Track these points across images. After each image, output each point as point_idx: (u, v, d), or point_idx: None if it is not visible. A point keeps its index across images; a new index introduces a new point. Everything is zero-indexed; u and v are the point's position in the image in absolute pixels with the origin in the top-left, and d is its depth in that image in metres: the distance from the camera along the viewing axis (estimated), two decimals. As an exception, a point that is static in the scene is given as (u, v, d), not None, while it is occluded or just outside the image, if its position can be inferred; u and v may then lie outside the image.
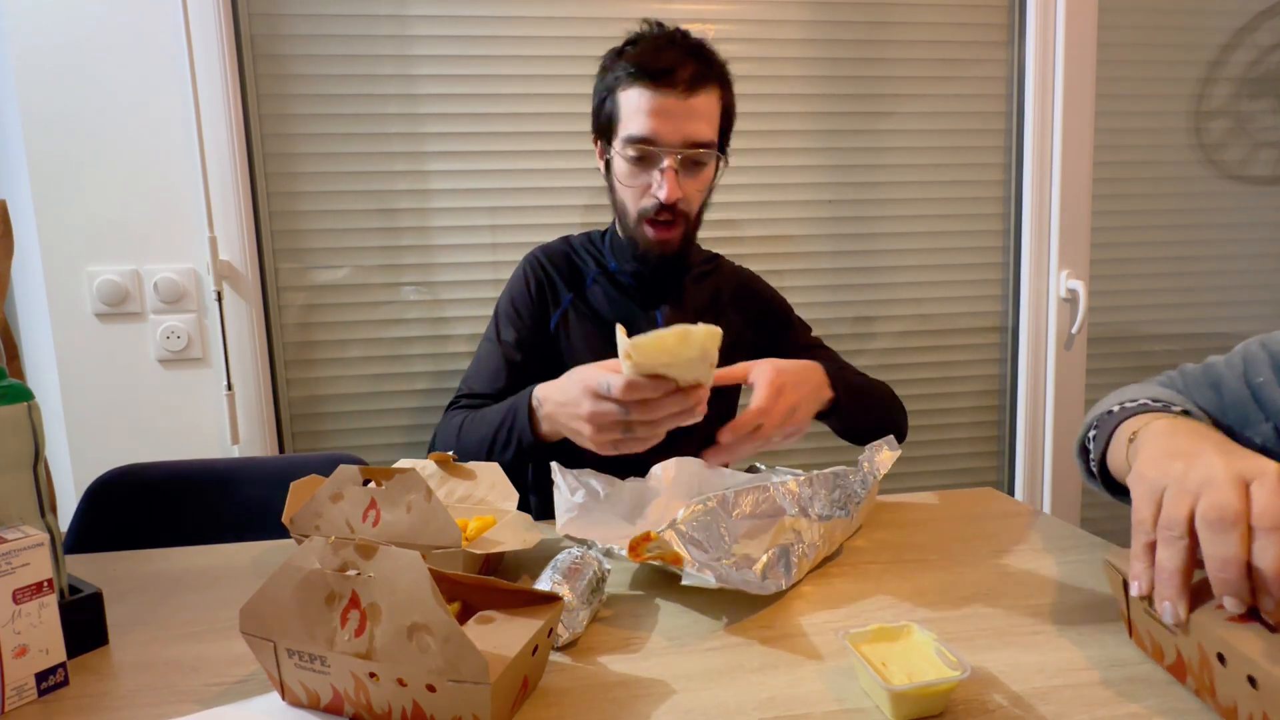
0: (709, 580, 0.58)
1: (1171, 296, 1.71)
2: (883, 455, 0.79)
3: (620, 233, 1.03)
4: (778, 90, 1.54)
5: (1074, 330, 1.63)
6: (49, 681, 0.51)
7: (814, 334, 1.16)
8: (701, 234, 1.06)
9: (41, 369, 1.38)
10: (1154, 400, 0.67)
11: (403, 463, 0.77)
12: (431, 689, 0.44)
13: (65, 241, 1.33)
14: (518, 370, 1.01)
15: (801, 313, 1.17)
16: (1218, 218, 1.70)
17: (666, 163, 0.91)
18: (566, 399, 0.76)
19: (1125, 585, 0.53)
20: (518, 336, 1.03)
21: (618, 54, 0.95)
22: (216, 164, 1.35)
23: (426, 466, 0.76)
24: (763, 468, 0.93)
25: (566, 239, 1.11)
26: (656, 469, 0.82)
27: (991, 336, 1.69)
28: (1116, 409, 0.68)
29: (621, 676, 0.53)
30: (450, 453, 0.77)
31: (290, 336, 1.47)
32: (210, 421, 1.41)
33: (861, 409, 0.95)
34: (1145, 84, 1.64)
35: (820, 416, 0.91)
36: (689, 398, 0.68)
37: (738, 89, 1.00)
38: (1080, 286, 1.59)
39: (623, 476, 0.80)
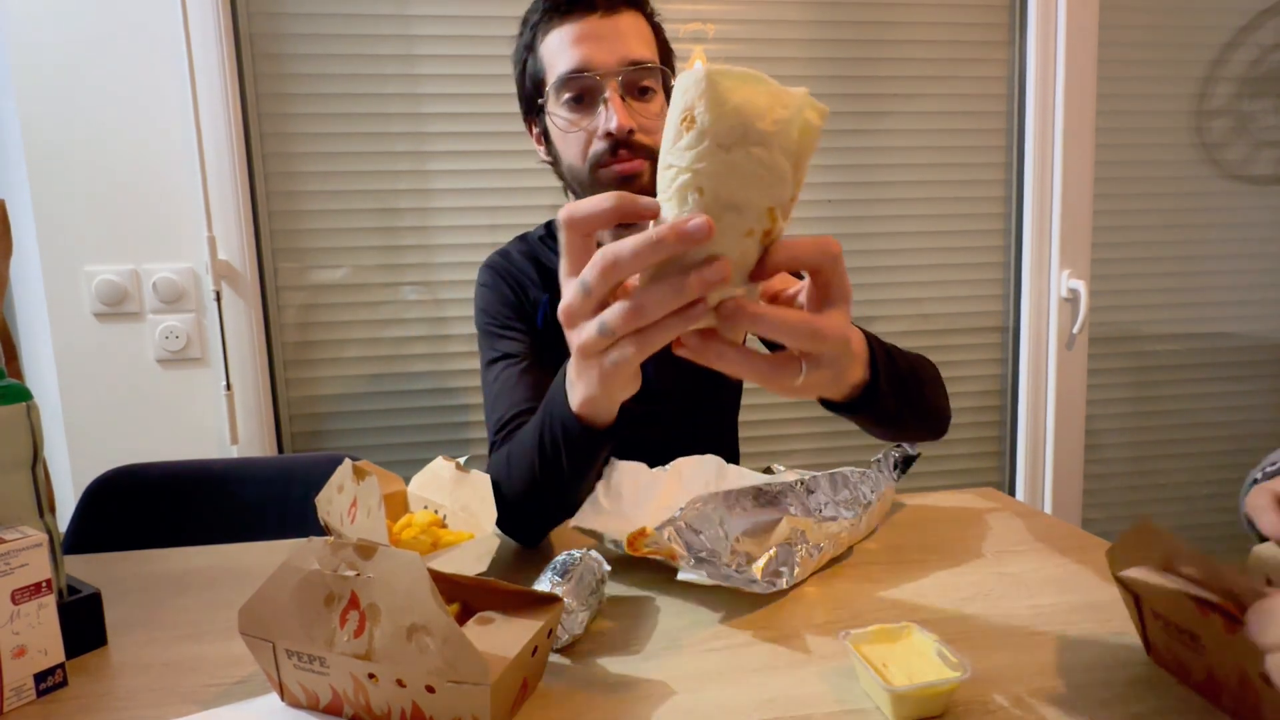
0: (704, 577, 0.58)
1: (1173, 296, 1.71)
2: (896, 458, 0.79)
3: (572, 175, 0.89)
4: (778, 90, 1.54)
5: (1075, 330, 1.63)
6: (48, 682, 0.51)
7: None
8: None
9: (40, 369, 1.38)
10: None
11: (431, 465, 0.77)
12: (431, 690, 0.44)
13: (64, 241, 1.33)
14: (542, 369, 0.88)
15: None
16: (1219, 217, 1.70)
17: (608, 90, 0.79)
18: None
19: (1137, 601, 0.52)
20: (518, 343, 0.91)
21: (524, 20, 0.87)
22: (216, 164, 1.35)
23: (444, 469, 0.76)
24: (781, 468, 0.90)
25: (523, 237, 1.01)
26: (678, 462, 0.82)
27: (992, 336, 1.68)
28: None
29: (621, 677, 0.53)
30: (459, 459, 0.74)
31: (290, 336, 1.46)
32: (209, 421, 1.41)
33: (900, 401, 0.62)
34: (1146, 83, 1.64)
35: (834, 406, 0.59)
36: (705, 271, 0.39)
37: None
38: (1081, 286, 1.59)
39: (651, 464, 0.78)
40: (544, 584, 0.58)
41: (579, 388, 0.55)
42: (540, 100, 0.85)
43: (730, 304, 0.41)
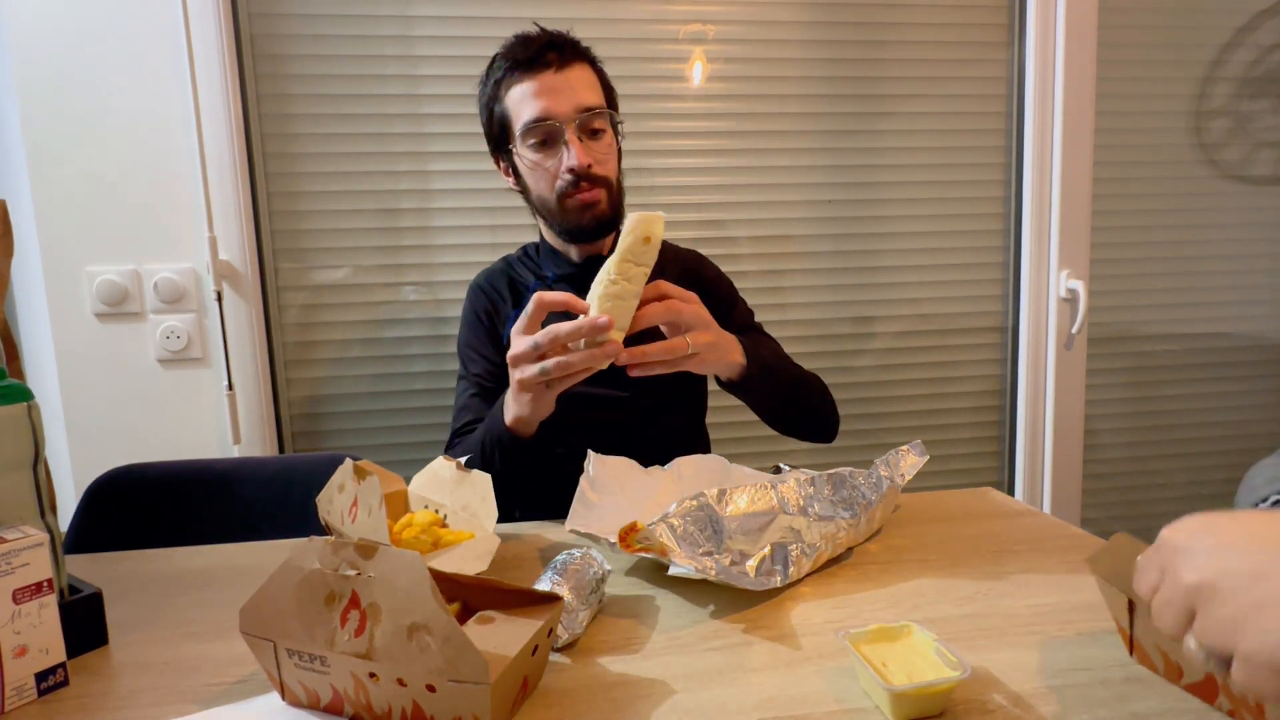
0: (694, 571, 0.59)
1: (1172, 296, 1.71)
2: (907, 461, 0.79)
3: (548, 235, 1.05)
4: (777, 90, 1.54)
5: (1074, 330, 1.63)
6: (49, 681, 0.51)
7: (758, 320, 1.14)
8: (701, 233, 1.05)
9: (41, 369, 1.38)
10: None
11: (431, 465, 0.77)
12: (431, 689, 0.44)
13: (65, 241, 1.33)
14: (496, 396, 0.99)
15: (801, 313, 1.17)
16: (1218, 218, 1.70)
17: (568, 133, 0.93)
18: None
19: (1131, 605, 0.52)
20: (485, 367, 1.05)
21: (488, 72, 1.00)
22: (216, 164, 1.35)
23: (445, 469, 0.76)
24: (787, 468, 0.91)
25: (505, 258, 1.13)
26: (678, 462, 0.83)
27: (991, 336, 1.69)
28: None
29: (621, 676, 0.53)
30: (462, 459, 0.76)
31: (290, 336, 1.47)
32: (210, 421, 1.41)
33: (775, 388, 0.94)
34: (1145, 83, 1.64)
35: (731, 387, 0.91)
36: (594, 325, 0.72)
37: (738, 89, 1.00)
38: (1080, 286, 1.59)
39: (645, 464, 0.83)
40: (544, 583, 0.58)
41: (512, 409, 0.81)
42: (509, 144, 0.99)
43: (612, 347, 0.73)
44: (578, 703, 0.50)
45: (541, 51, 0.95)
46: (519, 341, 0.75)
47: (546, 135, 0.95)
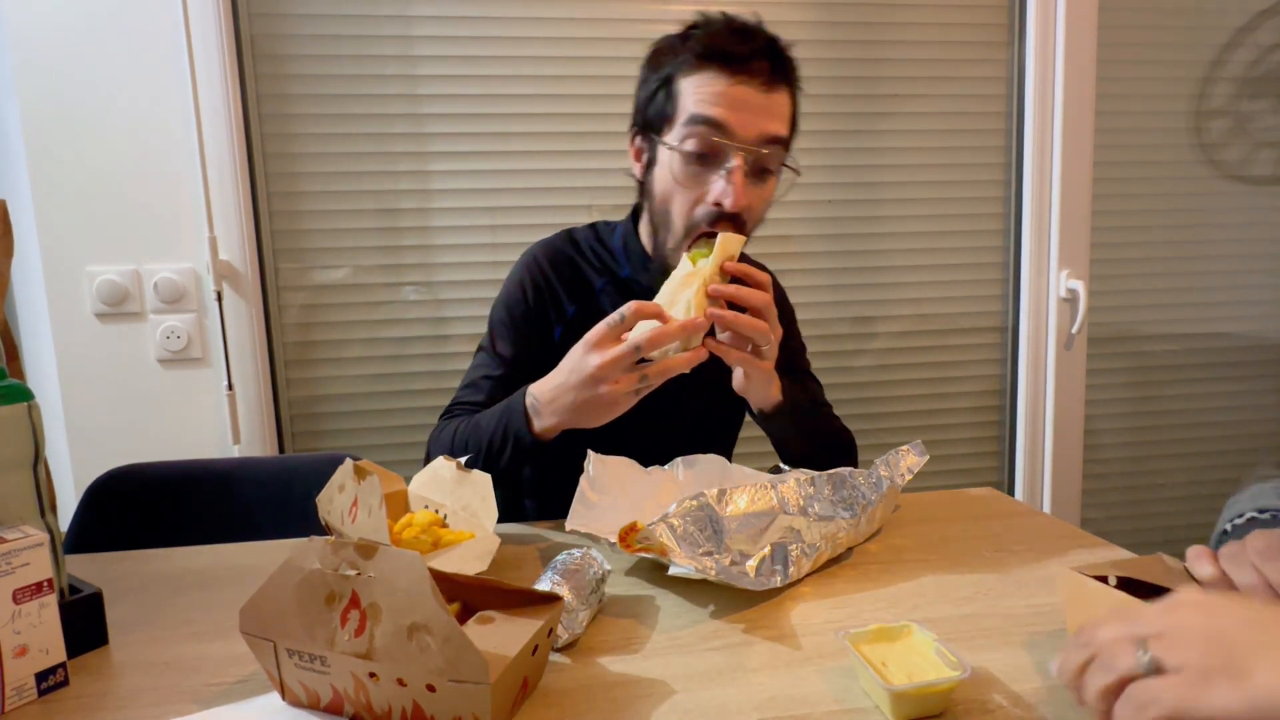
0: (694, 571, 0.59)
1: (1172, 296, 1.71)
2: (907, 461, 0.79)
3: (644, 235, 0.94)
4: (778, 90, 1.54)
5: (1074, 330, 1.63)
6: (49, 681, 0.51)
7: (809, 355, 1.10)
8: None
9: (41, 369, 1.38)
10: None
11: (432, 464, 0.77)
12: (431, 689, 0.44)
13: (65, 241, 1.33)
14: (514, 386, 0.90)
15: (801, 313, 1.16)
16: (1218, 218, 1.70)
17: (735, 162, 0.78)
18: (565, 377, 0.74)
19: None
20: (514, 352, 0.94)
21: (681, 39, 0.82)
22: (216, 164, 1.35)
23: (445, 469, 0.76)
24: (785, 468, 0.89)
25: (570, 236, 1.00)
26: (678, 462, 0.83)
27: (991, 336, 1.69)
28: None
29: (621, 676, 0.53)
30: (461, 459, 0.75)
31: (290, 336, 1.47)
32: (210, 421, 1.41)
33: (799, 430, 0.92)
34: (1145, 84, 1.64)
35: (762, 420, 0.90)
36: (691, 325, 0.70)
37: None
38: (1080, 286, 1.59)
39: (646, 464, 0.82)
40: (544, 583, 0.58)
41: (554, 416, 0.76)
42: (658, 131, 0.83)
43: (704, 351, 0.74)
44: (578, 703, 0.50)
45: (755, 56, 0.78)
46: (610, 348, 0.70)
47: (710, 151, 0.79)
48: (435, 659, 0.43)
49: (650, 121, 0.84)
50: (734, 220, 0.81)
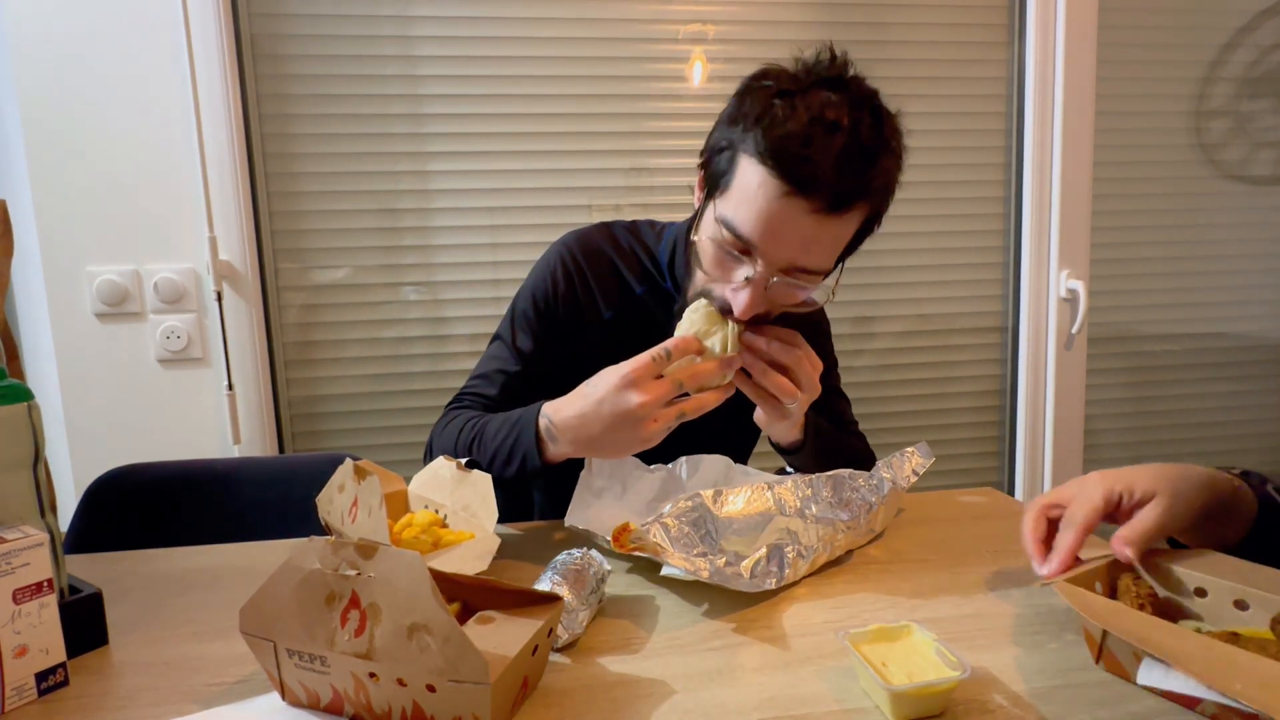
0: (685, 573, 0.59)
1: (1171, 296, 1.71)
2: (912, 463, 0.78)
3: (680, 266, 0.86)
4: (778, 90, 1.54)
5: (1074, 330, 1.63)
6: (49, 681, 0.51)
7: (839, 370, 1.04)
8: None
9: (41, 369, 1.38)
10: None
11: (432, 464, 0.77)
12: (431, 689, 0.44)
13: (65, 241, 1.33)
14: (530, 384, 0.88)
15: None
16: (1218, 218, 1.70)
17: (756, 275, 0.70)
18: (594, 408, 0.67)
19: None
20: (535, 348, 0.89)
21: (763, 108, 0.69)
22: (216, 164, 1.35)
23: (445, 469, 0.76)
24: (791, 471, 0.90)
25: (609, 231, 0.92)
26: (682, 460, 0.83)
27: (991, 336, 1.69)
28: None
29: (621, 676, 0.53)
30: (462, 459, 0.74)
31: (290, 336, 1.47)
32: (210, 421, 1.41)
33: (817, 462, 0.86)
34: (1145, 84, 1.64)
35: (780, 450, 0.90)
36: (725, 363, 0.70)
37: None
38: (1080, 286, 1.59)
39: (649, 462, 0.81)
40: (544, 583, 0.58)
41: (574, 446, 0.71)
42: (715, 186, 0.74)
43: (732, 387, 0.73)
44: (578, 703, 0.50)
45: (820, 178, 0.66)
46: (652, 385, 0.66)
47: (738, 250, 0.71)
48: (435, 659, 0.43)
49: (712, 172, 0.75)
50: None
